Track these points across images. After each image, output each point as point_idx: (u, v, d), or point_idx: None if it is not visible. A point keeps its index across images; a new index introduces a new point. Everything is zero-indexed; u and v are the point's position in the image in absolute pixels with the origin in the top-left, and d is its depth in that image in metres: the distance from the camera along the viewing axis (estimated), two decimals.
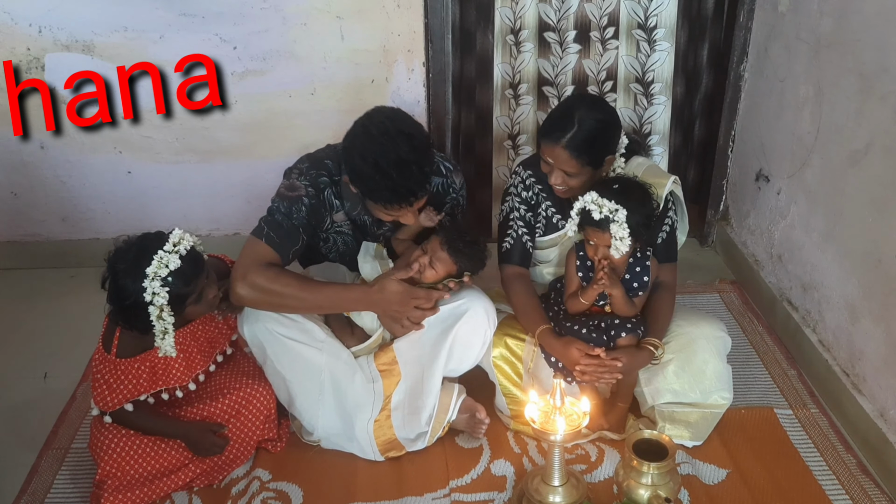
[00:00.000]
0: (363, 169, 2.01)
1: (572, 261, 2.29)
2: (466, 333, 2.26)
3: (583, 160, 2.14)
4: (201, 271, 2.02)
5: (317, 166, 2.21)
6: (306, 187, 2.16)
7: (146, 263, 1.93)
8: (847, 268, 2.46)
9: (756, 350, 2.80)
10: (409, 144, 2.01)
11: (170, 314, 1.97)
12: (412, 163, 2.00)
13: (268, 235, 2.13)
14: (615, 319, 2.23)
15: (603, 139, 2.18)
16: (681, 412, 2.30)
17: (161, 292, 1.93)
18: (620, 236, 2.09)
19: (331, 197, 2.21)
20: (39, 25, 2.99)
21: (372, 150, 2.00)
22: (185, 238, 2.00)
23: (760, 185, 3.07)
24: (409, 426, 2.28)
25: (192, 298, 2.01)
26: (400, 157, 1.99)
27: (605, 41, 3.22)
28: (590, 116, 2.13)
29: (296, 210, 2.15)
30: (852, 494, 2.17)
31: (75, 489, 2.23)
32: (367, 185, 2.03)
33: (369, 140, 2.02)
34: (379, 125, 2.04)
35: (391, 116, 2.07)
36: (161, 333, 1.99)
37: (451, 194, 2.34)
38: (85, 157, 3.23)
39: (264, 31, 3.07)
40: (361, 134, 2.04)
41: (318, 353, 2.23)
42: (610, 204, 2.08)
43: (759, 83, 3.08)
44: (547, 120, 2.22)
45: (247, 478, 2.26)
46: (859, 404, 2.36)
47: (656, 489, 2.03)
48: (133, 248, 1.97)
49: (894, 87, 2.19)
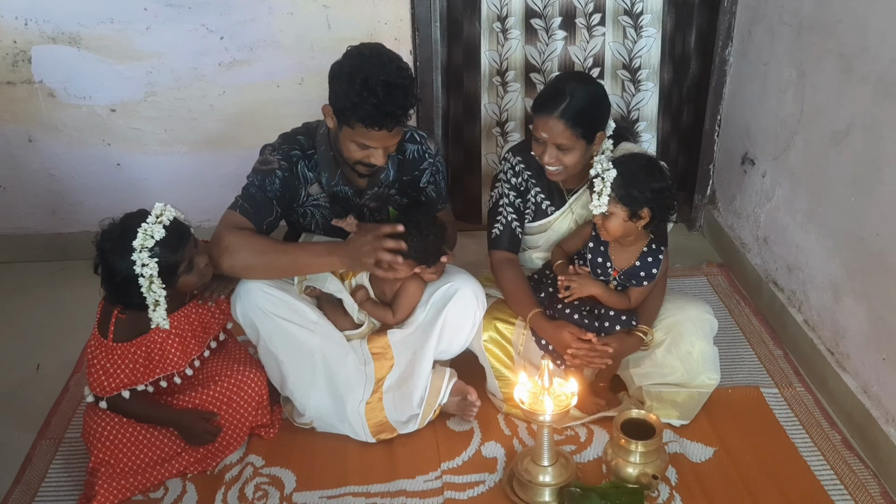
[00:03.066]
0: (350, 87, 2.04)
1: (588, 229, 2.33)
2: (456, 314, 2.28)
3: (577, 131, 2.16)
4: (187, 240, 2.05)
5: (289, 141, 2.28)
6: (279, 161, 2.23)
7: (132, 238, 1.95)
8: (830, 247, 2.49)
9: (742, 331, 2.83)
10: (398, 69, 2.07)
11: (160, 286, 1.99)
12: (399, 87, 2.05)
13: (242, 207, 2.21)
14: (609, 309, 2.26)
15: (595, 110, 2.21)
16: (668, 392, 2.33)
17: (150, 263, 1.96)
18: (599, 189, 2.13)
19: (304, 170, 2.26)
20: (25, 18, 2.98)
21: (362, 69, 2.04)
22: (168, 209, 2.03)
23: (746, 168, 3.10)
24: (400, 408, 2.31)
25: (183, 267, 2.03)
26: (388, 79, 2.04)
27: (592, 28, 3.23)
28: (581, 88, 2.18)
29: (269, 183, 2.22)
30: (837, 470, 2.20)
31: (69, 478, 2.25)
32: (352, 100, 2.05)
33: (361, 60, 2.06)
34: (372, 48, 2.10)
35: (381, 48, 2.13)
36: (153, 305, 2.01)
37: (427, 159, 2.38)
38: (73, 149, 3.23)
39: (251, 21, 3.07)
40: (355, 55, 2.09)
41: (310, 333, 2.25)
42: (607, 164, 2.14)
43: (744, 67, 3.10)
44: (539, 96, 2.25)
45: (240, 464, 2.28)
46: (843, 381, 2.39)
47: (644, 467, 2.06)
48: (117, 227, 2.00)
49: (875, 67, 2.22)
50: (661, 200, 2.16)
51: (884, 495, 2.12)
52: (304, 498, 2.17)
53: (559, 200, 2.41)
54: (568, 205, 2.40)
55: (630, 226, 2.17)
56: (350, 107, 2.06)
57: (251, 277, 2.19)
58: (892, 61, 2.13)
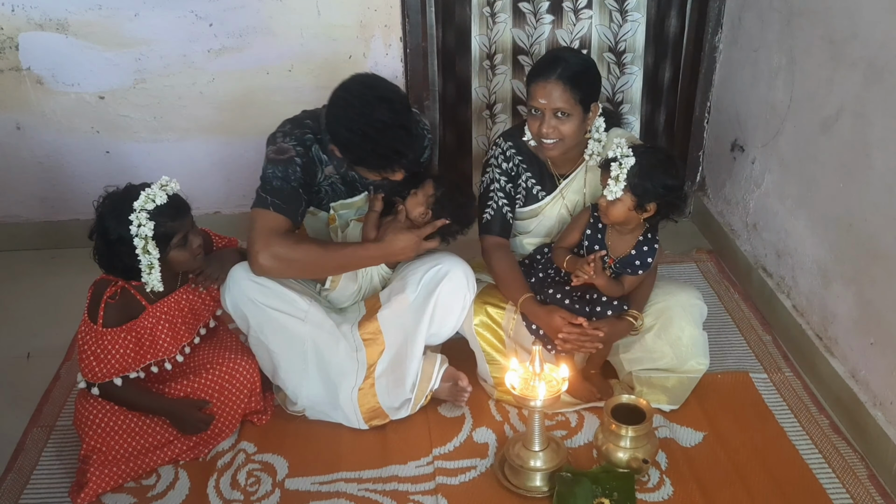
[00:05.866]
0: (350, 139, 2.07)
1: (584, 218, 2.32)
2: (447, 296, 2.29)
3: (575, 94, 2.17)
4: (186, 214, 2.08)
5: (299, 126, 2.25)
6: (294, 147, 2.20)
7: (132, 201, 1.99)
8: (819, 233, 2.50)
9: (732, 317, 2.85)
10: (389, 108, 2.06)
11: (155, 248, 2.00)
12: (396, 126, 2.06)
13: (273, 203, 2.16)
14: (600, 294, 2.27)
15: (591, 76, 2.25)
16: (658, 377, 2.35)
17: (147, 224, 1.97)
18: (615, 175, 2.12)
19: (318, 152, 2.24)
20: (12, 4, 2.96)
21: (355, 120, 2.05)
22: (174, 182, 2.07)
23: (736, 154, 3.11)
24: (392, 394, 2.32)
25: (178, 239, 2.05)
26: (383, 121, 2.04)
27: (578, 11, 3.24)
28: (574, 55, 2.26)
29: (291, 171, 2.18)
30: (825, 454, 2.22)
31: (61, 465, 2.25)
32: (357, 153, 2.10)
33: (350, 110, 2.07)
34: (358, 94, 2.08)
35: (368, 83, 2.12)
36: (147, 268, 2.03)
37: (427, 136, 2.40)
38: (62, 137, 3.21)
39: (240, 8, 3.05)
40: (343, 105, 2.09)
41: (300, 322, 2.24)
42: (627, 150, 2.13)
43: (734, 53, 3.10)
44: (534, 66, 2.27)
45: (232, 451, 2.28)
46: (832, 366, 2.41)
47: (635, 452, 2.07)
48: (120, 192, 2.04)
49: (864, 53, 2.22)
50: (670, 198, 2.18)
51: (871, 478, 2.14)
52: (296, 484, 2.17)
53: (550, 185, 2.41)
54: (559, 190, 2.40)
55: (633, 215, 2.18)
56: (356, 160, 2.13)
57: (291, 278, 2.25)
58: (882, 47, 2.14)
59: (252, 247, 2.13)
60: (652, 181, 2.13)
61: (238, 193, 3.38)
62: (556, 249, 2.37)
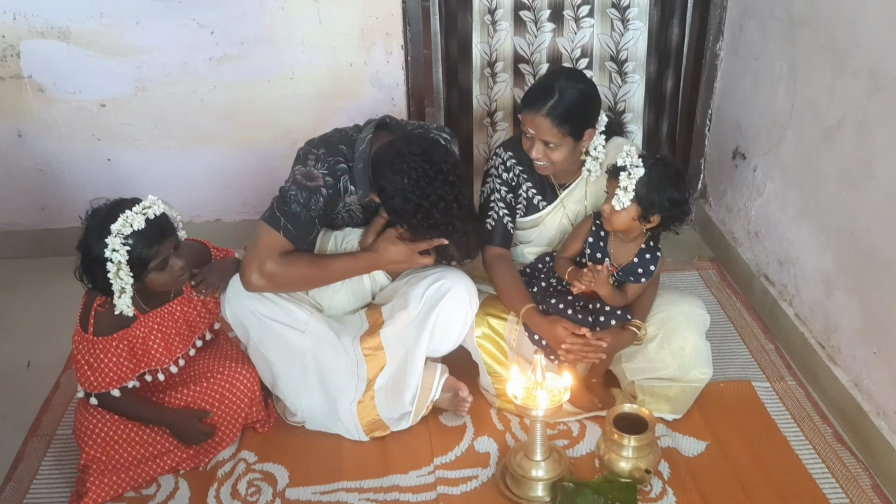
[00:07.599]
0: (404, 208, 2.06)
1: (586, 227, 2.32)
2: (448, 313, 2.28)
3: (564, 129, 2.16)
4: (166, 239, 2.01)
5: (333, 152, 2.18)
6: (324, 177, 2.15)
7: (113, 222, 1.94)
8: (822, 242, 2.50)
9: (734, 325, 2.84)
10: (447, 183, 2.05)
11: (128, 274, 1.96)
12: (452, 200, 2.07)
13: (285, 227, 2.13)
14: (603, 304, 2.26)
15: (584, 109, 2.20)
16: (660, 387, 2.34)
17: (121, 250, 1.93)
18: (624, 186, 2.11)
19: (346, 182, 2.19)
20: (14, 12, 2.96)
21: (410, 191, 2.03)
22: (157, 204, 2.01)
23: (737, 162, 3.11)
24: (392, 406, 2.31)
25: (155, 264, 2.00)
26: (440, 197, 2.05)
27: (580, 19, 3.24)
28: (570, 86, 2.17)
29: (314, 202, 2.14)
30: (829, 464, 2.21)
31: (61, 475, 2.24)
32: (405, 219, 2.11)
33: (406, 179, 2.03)
34: (416, 167, 2.04)
35: (426, 156, 2.06)
36: (119, 292, 1.98)
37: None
38: (63, 145, 3.21)
39: (242, 16, 3.05)
40: (398, 172, 2.04)
41: (300, 335, 2.24)
42: (637, 160, 2.12)
43: (735, 62, 3.10)
44: (528, 91, 2.24)
45: (233, 460, 2.27)
46: (835, 375, 2.40)
47: (637, 462, 2.07)
48: (105, 208, 1.99)
49: (866, 63, 2.22)
50: (675, 213, 2.18)
51: (874, 488, 2.13)
52: (297, 494, 2.16)
53: (551, 195, 2.41)
54: (559, 199, 2.40)
55: (636, 224, 2.18)
56: (409, 228, 2.14)
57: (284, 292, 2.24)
58: (884, 56, 2.14)
59: (247, 263, 2.13)
60: (659, 194, 2.12)
61: (239, 201, 3.39)
62: (557, 260, 2.36)
